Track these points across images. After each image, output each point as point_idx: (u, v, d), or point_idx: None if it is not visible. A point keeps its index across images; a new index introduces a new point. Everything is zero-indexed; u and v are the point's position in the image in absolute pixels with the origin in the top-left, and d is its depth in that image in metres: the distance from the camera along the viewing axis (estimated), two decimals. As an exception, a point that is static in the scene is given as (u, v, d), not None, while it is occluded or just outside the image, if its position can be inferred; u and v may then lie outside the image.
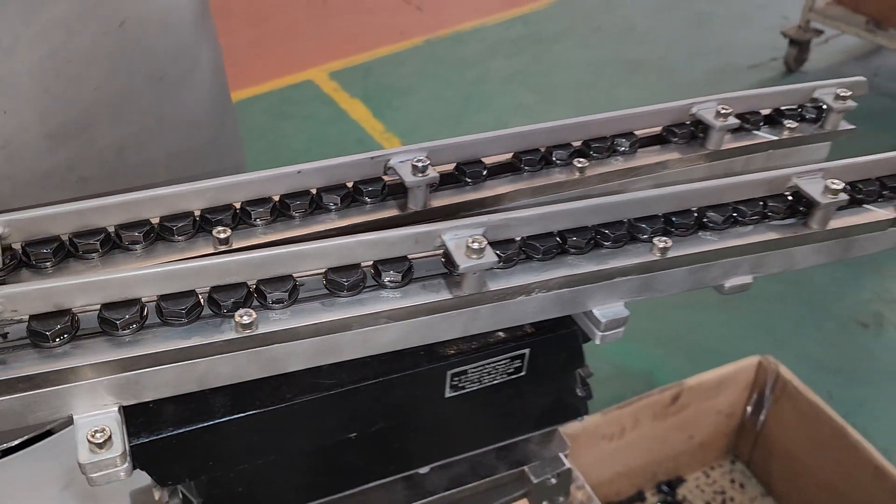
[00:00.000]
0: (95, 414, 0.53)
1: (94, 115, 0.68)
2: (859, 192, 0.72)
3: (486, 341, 0.65)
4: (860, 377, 2.40)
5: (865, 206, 0.73)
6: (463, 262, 0.57)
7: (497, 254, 0.58)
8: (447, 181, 0.70)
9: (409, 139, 3.56)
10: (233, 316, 0.54)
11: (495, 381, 0.67)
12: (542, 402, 0.74)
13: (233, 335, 0.54)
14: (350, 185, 0.68)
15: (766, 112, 0.84)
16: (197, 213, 0.62)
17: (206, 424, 0.56)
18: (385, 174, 0.69)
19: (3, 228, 0.56)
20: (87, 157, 0.69)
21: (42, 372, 0.50)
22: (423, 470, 0.73)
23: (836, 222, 0.70)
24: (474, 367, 0.65)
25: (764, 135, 0.84)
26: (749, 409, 2.04)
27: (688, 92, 0.82)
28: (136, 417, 0.55)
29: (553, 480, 0.79)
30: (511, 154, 0.74)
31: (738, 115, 0.81)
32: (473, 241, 0.57)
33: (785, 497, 2.03)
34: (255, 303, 0.56)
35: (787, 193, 0.70)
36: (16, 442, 0.79)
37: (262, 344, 0.55)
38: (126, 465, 0.52)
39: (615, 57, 4.20)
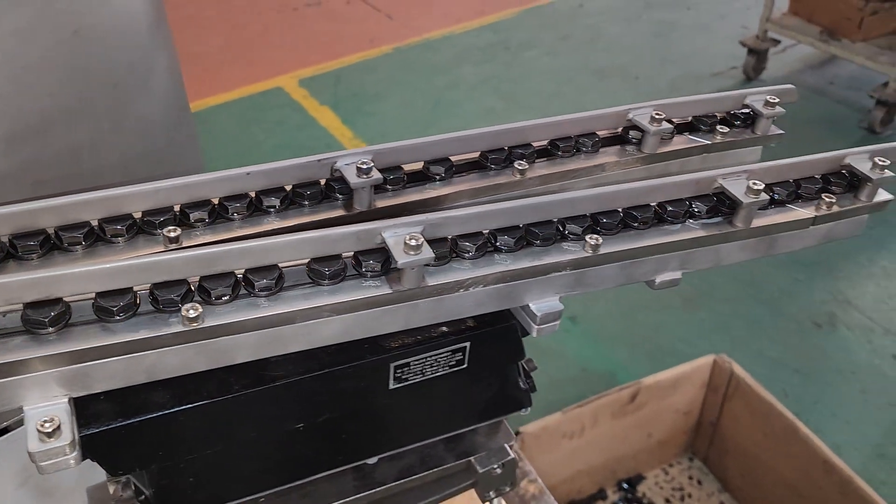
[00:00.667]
0: (46, 405, 0.55)
1: (50, 119, 0.70)
2: (781, 193, 0.77)
3: (428, 335, 0.69)
4: (814, 376, 2.48)
5: (788, 205, 0.78)
6: (401, 257, 0.60)
7: (433, 250, 0.62)
8: (392, 183, 0.73)
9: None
10: (179, 310, 0.56)
11: (438, 374, 0.70)
12: (486, 394, 0.77)
13: (180, 328, 0.56)
14: (289, 187, 0.70)
15: (700, 117, 0.89)
16: (140, 214, 0.64)
17: (154, 415, 0.59)
18: (331, 176, 0.72)
19: (-45, 228, 0.58)
20: (43, 161, 0.71)
21: (-7, 364, 0.52)
22: (372, 461, 0.76)
23: (760, 221, 0.75)
24: (416, 360, 0.68)
25: (698, 139, 0.88)
26: (705, 407, 2.10)
27: (652, 98, 0.86)
28: (86, 409, 0.58)
29: (498, 470, 0.82)
30: (455, 157, 0.77)
31: (673, 121, 0.86)
32: (411, 238, 0.60)
33: (741, 492, 2.09)
34: (200, 298, 0.58)
35: (713, 194, 0.75)
36: (-29, 439, 0.81)
37: (208, 337, 0.57)
38: (75, 453, 0.54)
39: (582, 64, 4.28)
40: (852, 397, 2.41)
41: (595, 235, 0.68)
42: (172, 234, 0.64)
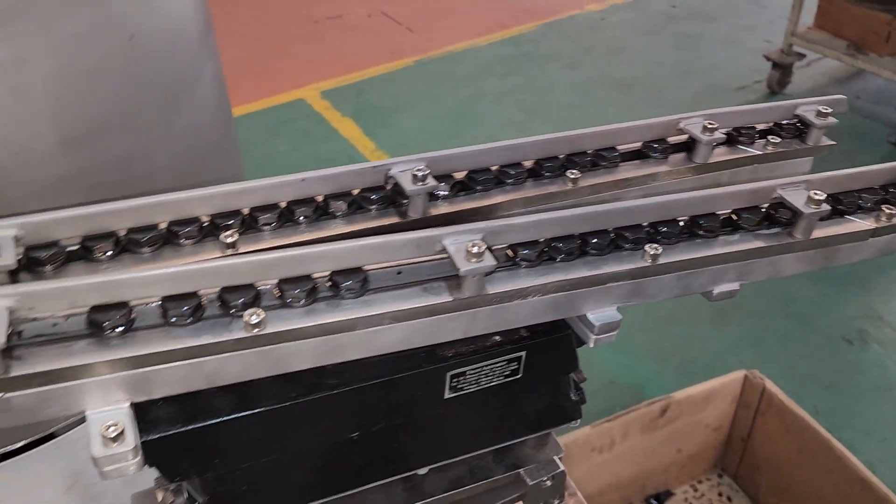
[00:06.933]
0: (107, 410, 0.55)
1: (105, 124, 0.70)
2: (841, 204, 0.76)
3: (483, 344, 0.68)
4: (847, 392, 2.44)
5: (847, 216, 0.76)
6: (463, 265, 0.59)
7: (496, 258, 0.61)
8: (447, 191, 0.73)
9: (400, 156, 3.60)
10: (242, 315, 0.56)
11: (493, 383, 0.69)
12: (538, 406, 0.76)
13: (242, 334, 0.56)
14: (354, 192, 0.70)
15: (751, 128, 0.88)
16: (204, 218, 0.64)
17: (214, 422, 0.58)
18: (385, 183, 0.72)
19: (18, 230, 0.58)
20: (98, 165, 0.71)
21: (57, 368, 0.52)
22: (423, 471, 0.75)
23: (819, 232, 0.73)
24: (473, 369, 0.67)
25: (749, 149, 0.87)
26: (735, 422, 2.07)
27: (676, 112, 0.85)
28: (146, 414, 0.57)
29: (548, 482, 0.81)
30: (507, 165, 0.77)
31: (724, 131, 0.85)
32: (473, 246, 0.60)
33: (773, 510, 2.05)
34: (264, 303, 0.58)
35: (771, 204, 0.73)
36: (19, 444, 0.80)
37: (269, 343, 0.57)
38: (138, 458, 0.54)
39: (604, 77, 4.27)
40: (887, 414, 2.37)
41: (654, 245, 0.67)
42: (229, 240, 0.64)
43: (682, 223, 0.70)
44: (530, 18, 5.03)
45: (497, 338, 0.69)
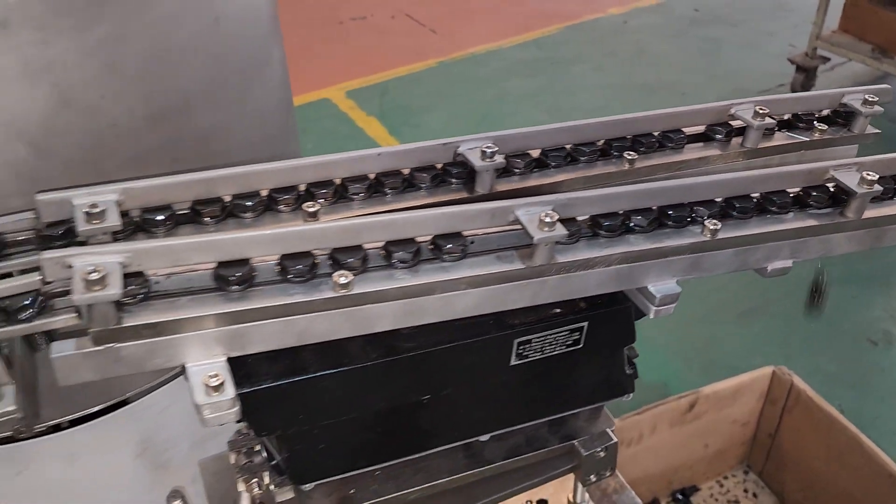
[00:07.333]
0: (206, 363, 0.58)
1: (189, 101, 0.74)
2: (889, 186, 0.78)
3: (547, 313, 0.71)
4: (872, 392, 2.44)
5: (896, 199, 0.79)
6: (536, 234, 0.62)
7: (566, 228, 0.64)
8: (513, 168, 0.76)
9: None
10: (331, 276, 0.59)
11: (555, 352, 0.72)
12: (595, 378, 0.79)
13: (331, 294, 0.59)
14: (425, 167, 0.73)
15: (798, 115, 0.90)
16: (302, 187, 0.67)
17: (303, 378, 0.61)
18: (454, 160, 0.75)
19: (119, 195, 0.62)
20: (181, 140, 0.75)
21: (165, 320, 0.56)
22: (484, 438, 0.78)
23: (870, 213, 0.76)
24: (538, 337, 0.70)
25: (797, 136, 0.90)
26: (762, 418, 2.08)
27: None
28: (238, 370, 0.60)
29: (602, 454, 0.83)
30: (568, 146, 0.80)
31: (774, 117, 0.87)
32: (546, 216, 0.63)
33: (799, 506, 2.07)
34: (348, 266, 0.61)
35: (823, 184, 0.76)
36: (94, 409, 0.84)
37: (356, 304, 0.60)
38: (236, 408, 0.57)
39: (628, 80, 4.29)
40: (914, 414, 2.37)
41: (714, 220, 0.70)
42: (311, 210, 0.67)
43: (740, 201, 0.73)
44: (552, 21, 5.06)
45: (557, 309, 0.72)
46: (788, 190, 0.75)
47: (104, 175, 0.67)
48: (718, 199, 0.72)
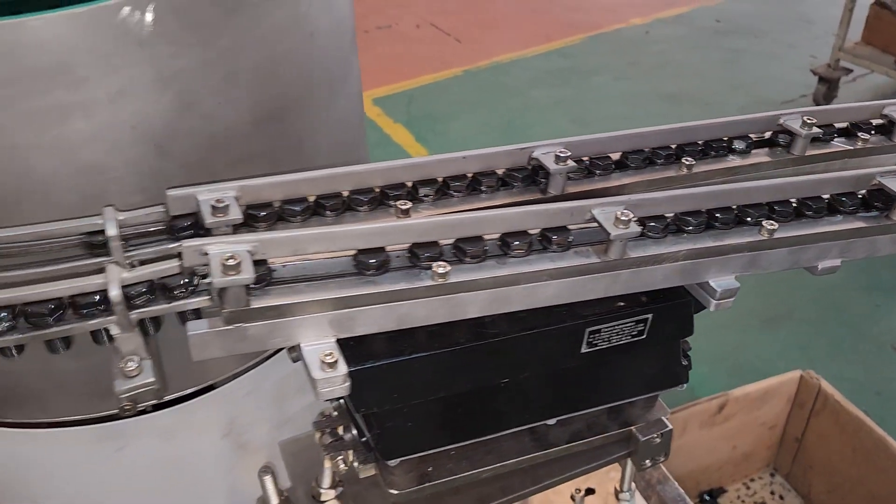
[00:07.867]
0: (318, 343, 0.65)
1: (286, 109, 0.81)
2: (933, 192, 0.84)
3: (615, 305, 0.77)
4: (895, 400, 2.48)
5: (938, 205, 0.84)
6: (613, 230, 0.69)
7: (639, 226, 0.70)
8: (582, 171, 0.83)
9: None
10: (430, 267, 0.66)
11: (621, 342, 0.78)
12: (654, 367, 0.85)
13: (430, 282, 0.65)
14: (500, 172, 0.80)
15: (842, 125, 0.96)
16: (376, 189, 0.74)
17: (401, 359, 0.68)
18: (528, 164, 0.82)
19: (237, 192, 0.69)
20: (278, 144, 0.82)
21: (287, 303, 0.62)
22: (551, 422, 0.84)
23: (914, 216, 0.82)
24: (607, 327, 0.76)
25: (841, 145, 0.96)
26: (789, 422, 2.13)
27: None
28: (344, 350, 0.67)
29: (657, 440, 0.89)
30: (630, 152, 0.86)
31: (820, 126, 0.93)
32: (622, 214, 0.69)
33: (826, 509, 2.11)
34: (447, 258, 0.67)
35: (871, 189, 0.82)
36: (187, 391, 0.91)
37: (451, 292, 0.67)
38: (346, 384, 0.63)
39: (652, 90, 4.35)
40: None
41: (771, 221, 0.76)
42: (404, 207, 0.74)
43: (793, 204, 0.79)
44: (575, 31, 5.14)
45: (621, 303, 0.78)
46: (838, 194, 0.81)
47: (214, 175, 0.74)
48: (774, 202, 0.78)
